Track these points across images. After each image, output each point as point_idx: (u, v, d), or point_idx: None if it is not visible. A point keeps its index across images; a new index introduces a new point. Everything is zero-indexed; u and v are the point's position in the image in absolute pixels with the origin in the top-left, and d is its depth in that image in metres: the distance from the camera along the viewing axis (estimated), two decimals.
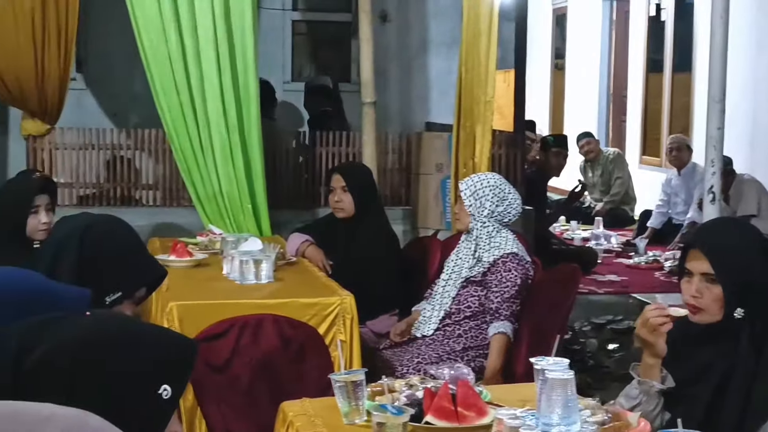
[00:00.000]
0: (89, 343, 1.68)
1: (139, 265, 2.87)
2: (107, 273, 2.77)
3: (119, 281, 2.78)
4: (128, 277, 2.81)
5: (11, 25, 6.67)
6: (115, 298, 2.75)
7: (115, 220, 2.98)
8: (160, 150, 7.70)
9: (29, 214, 4.32)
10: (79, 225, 2.86)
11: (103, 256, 2.79)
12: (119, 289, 2.77)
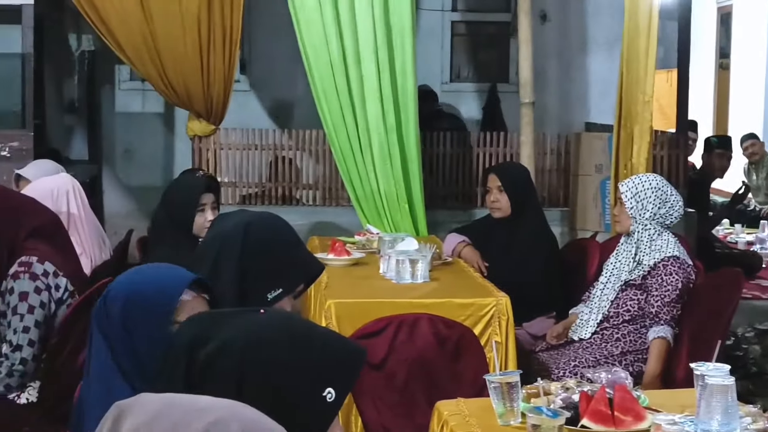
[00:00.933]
0: (260, 341, 1.71)
1: (299, 261, 2.90)
2: (269, 269, 2.81)
3: (281, 277, 2.82)
4: (289, 273, 2.84)
5: (179, 29, 6.87)
6: (276, 294, 2.79)
7: (274, 217, 3.02)
8: (321, 150, 7.81)
9: (196, 212, 4.46)
10: (241, 222, 2.91)
11: (265, 252, 2.83)
12: (281, 285, 2.80)
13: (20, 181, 5.50)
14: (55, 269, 4.05)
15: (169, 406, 1.33)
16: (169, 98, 7.30)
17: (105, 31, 6.87)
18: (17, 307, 3.95)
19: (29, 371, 3.98)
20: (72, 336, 3.96)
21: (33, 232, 4.11)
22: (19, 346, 3.94)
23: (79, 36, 8.65)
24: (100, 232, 5.33)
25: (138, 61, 6.98)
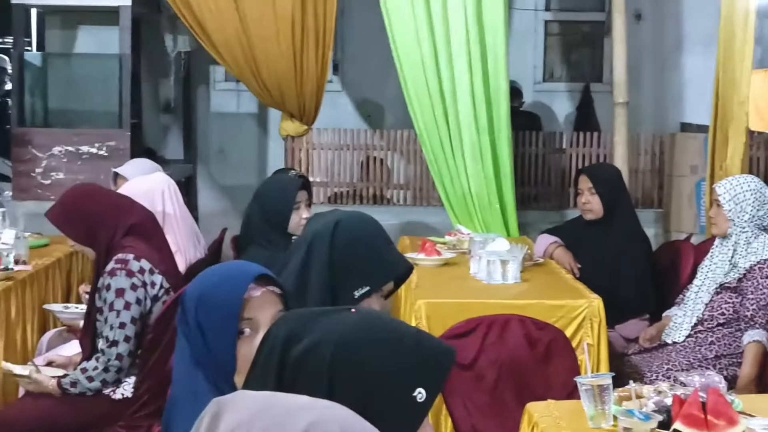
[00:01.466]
0: (352, 340, 1.72)
1: (387, 259, 2.90)
2: (356, 268, 2.82)
3: (367, 276, 2.83)
4: (376, 271, 2.85)
5: (273, 31, 6.94)
6: (363, 293, 2.80)
7: (364, 216, 3.03)
8: (412, 151, 7.83)
9: (293, 210, 4.51)
10: (331, 221, 2.94)
11: (352, 250, 2.84)
12: (368, 284, 2.81)
13: (118, 179, 5.61)
14: (151, 266, 4.12)
15: (269, 404, 1.33)
16: (262, 99, 7.37)
17: (200, 32, 6.97)
18: (114, 304, 4.03)
19: (124, 367, 4.05)
20: (166, 333, 4.03)
21: (130, 230, 4.19)
22: (115, 341, 4.01)
23: (176, 37, 8.78)
24: (194, 231, 5.41)
25: (233, 62, 7.07)
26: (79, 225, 4.19)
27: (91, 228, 4.16)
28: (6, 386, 4.65)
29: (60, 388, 4.05)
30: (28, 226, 6.28)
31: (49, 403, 4.08)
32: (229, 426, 1.31)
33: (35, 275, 5.25)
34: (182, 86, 9.33)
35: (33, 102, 7.69)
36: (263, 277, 2.36)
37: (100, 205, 4.20)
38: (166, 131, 9.52)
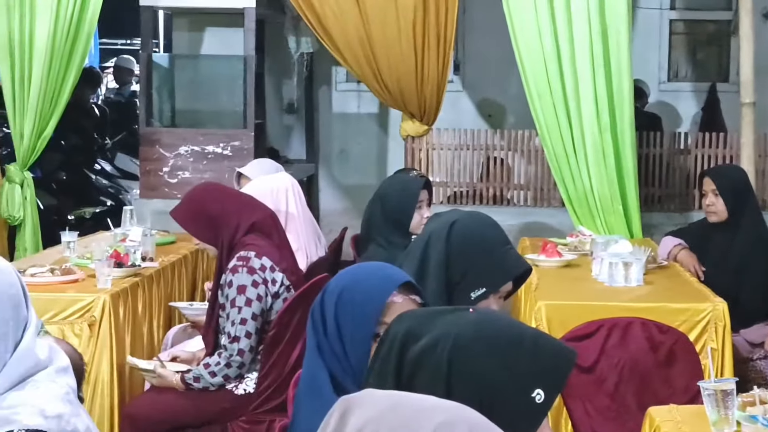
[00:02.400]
0: (470, 340, 1.72)
1: (503, 260, 2.87)
2: (472, 269, 2.81)
3: (484, 277, 2.81)
4: (492, 272, 2.83)
5: (394, 31, 6.97)
6: (480, 294, 2.79)
7: (480, 216, 3.02)
8: (533, 151, 7.78)
9: (415, 209, 4.54)
10: (447, 221, 2.94)
11: (467, 251, 2.83)
12: (484, 285, 2.80)
13: (241, 178, 5.70)
14: (272, 264, 4.18)
15: (397, 403, 1.33)
16: (383, 99, 7.41)
17: (323, 33, 7.04)
18: (235, 300, 4.10)
19: (246, 362, 4.12)
20: (288, 329, 4.08)
21: (251, 228, 4.26)
22: (236, 337, 4.08)
23: (299, 38, 8.88)
24: (316, 230, 5.47)
25: (354, 63, 7.12)
26: (203, 224, 4.27)
27: (215, 226, 4.24)
28: (132, 380, 4.77)
29: (184, 383, 4.14)
30: (155, 224, 6.42)
31: (172, 397, 4.17)
32: (358, 424, 1.31)
33: (161, 272, 5.36)
34: (305, 87, 9.43)
35: (160, 103, 7.87)
36: (406, 285, 2.39)
37: (223, 204, 4.28)
38: (288, 131, 9.64)
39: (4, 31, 6.58)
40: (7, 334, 1.80)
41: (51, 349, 1.91)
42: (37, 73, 6.59)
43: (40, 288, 4.58)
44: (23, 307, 1.85)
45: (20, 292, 1.86)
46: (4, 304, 1.81)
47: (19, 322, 1.83)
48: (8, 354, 1.81)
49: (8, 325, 1.81)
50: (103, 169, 9.71)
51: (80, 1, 6.62)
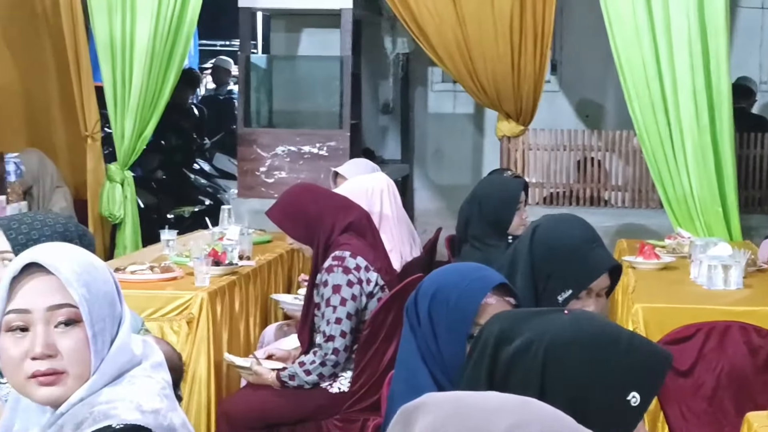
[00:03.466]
0: (564, 341, 1.70)
1: (586, 259, 2.81)
2: (556, 272, 2.78)
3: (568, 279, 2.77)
4: (576, 273, 2.79)
5: (491, 31, 6.95)
6: (567, 296, 2.75)
7: (564, 217, 2.98)
8: (630, 151, 7.69)
9: (515, 211, 4.53)
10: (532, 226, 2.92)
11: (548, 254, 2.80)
12: (569, 286, 2.76)
13: (337, 178, 5.74)
14: (367, 264, 4.20)
15: (461, 407, 1.30)
16: (479, 99, 7.39)
17: (419, 33, 7.04)
18: (330, 299, 4.12)
19: (341, 361, 4.14)
20: (382, 329, 4.10)
21: (347, 228, 4.28)
22: (331, 336, 4.11)
23: (395, 39, 8.89)
24: (410, 230, 5.48)
25: (450, 63, 7.12)
26: (299, 223, 4.31)
27: (310, 226, 4.28)
28: (229, 377, 4.83)
29: (279, 381, 4.18)
30: (252, 223, 6.49)
31: (268, 394, 4.22)
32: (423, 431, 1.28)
33: (258, 270, 5.42)
34: (400, 87, 9.45)
35: (258, 103, 7.95)
36: (501, 286, 2.39)
37: (318, 205, 4.32)
38: (384, 132, 9.67)
39: (106, 32, 6.71)
40: (104, 330, 1.84)
41: (145, 344, 1.94)
42: (137, 75, 6.71)
43: (140, 285, 4.66)
44: (117, 304, 1.89)
45: (114, 289, 1.89)
46: (101, 302, 1.84)
47: (114, 318, 1.87)
48: (105, 350, 1.84)
49: (105, 321, 1.84)
50: (201, 168, 9.85)
51: (180, 3, 6.72)
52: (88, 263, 1.88)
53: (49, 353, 1.81)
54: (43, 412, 1.86)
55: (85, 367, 1.82)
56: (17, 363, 1.83)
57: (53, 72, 7.34)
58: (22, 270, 1.84)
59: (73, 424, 1.79)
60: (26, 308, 1.82)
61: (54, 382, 1.81)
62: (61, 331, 1.82)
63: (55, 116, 7.42)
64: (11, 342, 1.83)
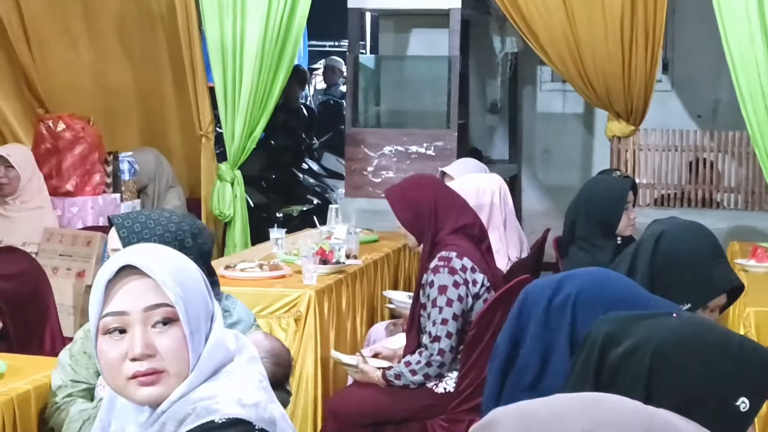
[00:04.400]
0: (672, 345, 1.68)
1: (709, 275, 2.76)
2: (675, 283, 2.73)
3: (687, 292, 2.72)
4: (697, 288, 2.74)
5: (601, 30, 6.87)
6: (685, 309, 2.70)
7: (692, 227, 2.92)
8: (743, 152, 7.53)
9: (623, 211, 4.47)
10: (656, 231, 2.87)
11: (671, 265, 2.75)
12: (688, 300, 2.72)
13: (444, 177, 5.74)
14: (473, 265, 4.19)
15: (531, 420, 1.26)
16: (589, 99, 7.32)
17: (528, 33, 7.00)
18: (436, 300, 4.13)
19: (446, 362, 4.14)
20: (488, 330, 4.08)
21: (458, 229, 4.27)
22: (437, 337, 4.11)
23: (503, 38, 8.85)
24: (519, 232, 5.46)
25: (559, 62, 7.06)
26: (410, 211, 4.32)
27: (421, 217, 4.29)
28: (336, 375, 4.87)
29: (385, 380, 4.19)
30: (359, 222, 6.53)
31: (374, 392, 4.24)
32: None
33: (365, 269, 5.45)
34: (509, 87, 9.40)
35: (366, 103, 7.99)
36: None
37: (436, 201, 4.31)
38: (491, 132, 9.64)
39: (217, 34, 6.81)
40: (200, 327, 1.86)
41: (238, 338, 1.96)
42: (247, 76, 6.80)
43: (249, 283, 4.73)
44: (209, 301, 1.91)
45: (204, 286, 1.92)
46: (195, 300, 1.87)
47: (207, 315, 1.90)
48: (201, 347, 1.86)
49: (200, 319, 1.87)
50: (310, 168, 9.94)
51: (290, 4, 6.79)
52: (179, 263, 1.90)
53: (149, 353, 1.83)
54: (140, 411, 1.89)
55: (183, 365, 1.85)
56: (117, 365, 1.85)
57: (169, 73, 7.48)
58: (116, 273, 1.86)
59: (176, 421, 1.81)
60: (123, 310, 1.85)
61: (154, 382, 1.84)
62: (159, 330, 1.85)
63: (170, 116, 7.56)
64: (109, 344, 1.86)
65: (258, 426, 1.79)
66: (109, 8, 7.45)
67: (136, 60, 7.53)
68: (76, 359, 3.11)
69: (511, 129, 9.53)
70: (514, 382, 2.41)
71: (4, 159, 5.72)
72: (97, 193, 6.42)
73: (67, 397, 3.08)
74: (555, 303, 2.36)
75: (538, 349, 2.41)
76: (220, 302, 3.14)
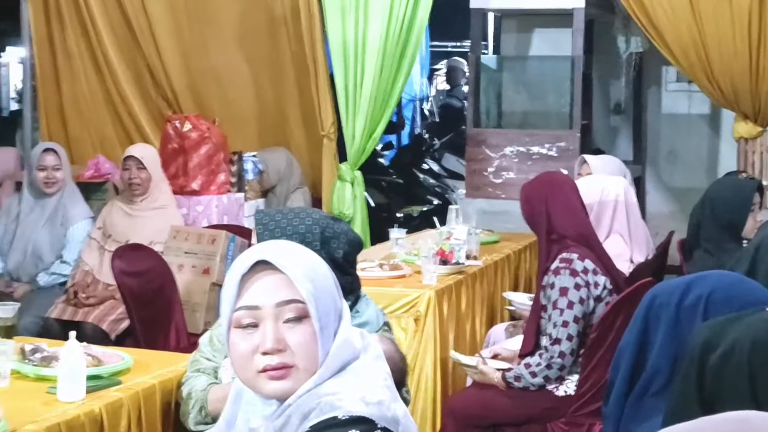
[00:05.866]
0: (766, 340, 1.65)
1: None
2: None
3: None
4: None
5: (729, 28, 6.73)
6: None
7: None
8: None
9: (749, 213, 4.39)
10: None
11: None
12: None
13: (583, 165, 5.70)
14: (595, 267, 4.14)
15: None
16: (715, 99, 7.18)
17: (654, 33, 6.90)
18: (557, 302, 4.09)
19: (567, 365, 4.10)
20: (610, 332, 4.03)
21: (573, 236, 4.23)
22: (558, 339, 4.08)
23: (628, 38, 8.73)
24: (645, 234, 5.38)
25: (685, 62, 6.94)
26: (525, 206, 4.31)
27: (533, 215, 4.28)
28: (455, 375, 4.87)
29: (504, 381, 4.18)
30: (479, 223, 6.51)
31: (494, 394, 4.22)
32: None
33: (485, 270, 5.44)
34: (633, 87, 9.27)
35: (487, 104, 7.97)
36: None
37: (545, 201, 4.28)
38: (615, 132, 9.51)
39: (339, 34, 6.87)
40: (329, 324, 1.89)
41: (363, 337, 1.98)
42: (369, 76, 6.83)
43: (370, 282, 4.75)
44: (338, 300, 1.94)
45: (334, 284, 1.94)
46: (325, 297, 1.89)
47: (336, 313, 1.92)
48: (330, 344, 1.89)
49: (329, 316, 1.89)
50: (430, 168, 9.96)
51: (412, 4, 6.80)
52: (311, 260, 1.93)
53: (279, 348, 1.86)
54: (267, 404, 1.92)
55: (312, 361, 1.87)
56: (247, 358, 1.88)
57: (292, 73, 7.56)
58: (250, 268, 1.90)
59: (301, 414, 1.84)
60: (256, 305, 1.88)
61: (284, 376, 1.86)
62: (290, 326, 1.87)
63: (292, 117, 7.64)
64: (241, 337, 1.89)
65: (380, 424, 1.80)
66: (233, 11, 7.56)
67: (260, 61, 7.63)
68: (213, 342, 3.20)
69: (635, 130, 9.39)
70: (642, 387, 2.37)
71: (137, 160, 5.84)
72: (221, 192, 6.54)
73: (195, 372, 3.19)
74: (686, 303, 2.33)
75: (668, 352, 2.37)
76: (357, 301, 3.19)
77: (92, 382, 3.04)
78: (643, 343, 2.49)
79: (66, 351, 2.96)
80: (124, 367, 3.28)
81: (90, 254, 5.81)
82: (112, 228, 5.83)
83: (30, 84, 7.97)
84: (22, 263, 5.83)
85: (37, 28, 7.69)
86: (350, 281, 3.17)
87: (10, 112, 13.33)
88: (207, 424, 3.05)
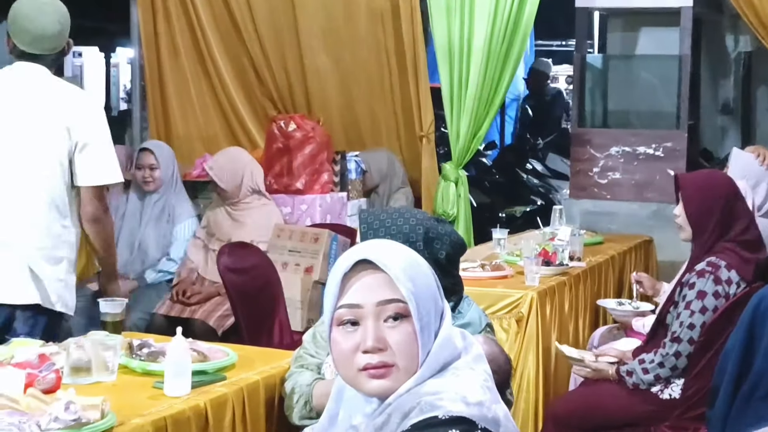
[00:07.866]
0: None
1: None
2: None
3: None
4: None
5: None
6: None
7: None
8: None
9: None
10: None
11: None
12: None
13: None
14: (740, 279, 4.06)
15: None
16: None
17: (763, 32, 6.75)
18: (691, 303, 4.03)
19: (680, 366, 4.04)
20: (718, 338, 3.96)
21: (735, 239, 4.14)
22: (679, 338, 4.02)
23: (737, 37, 8.58)
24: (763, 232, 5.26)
25: None
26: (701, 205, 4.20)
27: (708, 216, 4.16)
28: (557, 376, 4.83)
29: (617, 374, 4.14)
30: (583, 224, 6.45)
31: (597, 396, 4.18)
32: None
33: (588, 271, 5.39)
34: (742, 87, 9.10)
35: (592, 103, 7.89)
36: None
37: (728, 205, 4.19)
38: (723, 133, 9.35)
39: (444, 34, 6.86)
40: (429, 324, 1.89)
41: (464, 337, 1.98)
42: (474, 75, 6.81)
43: (471, 282, 4.73)
44: (439, 299, 1.94)
45: (435, 284, 1.94)
46: (426, 297, 1.90)
47: (437, 312, 1.92)
48: (430, 343, 1.89)
49: (430, 316, 1.89)
50: (534, 168, 9.89)
51: (517, 4, 6.76)
52: (412, 260, 1.93)
53: (380, 347, 1.87)
54: (368, 401, 1.93)
55: (412, 360, 1.88)
56: (349, 356, 1.90)
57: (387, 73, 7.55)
58: (352, 267, 1.91)
59: (401, 413, 1.84)
60: (357, 303, 1.90)
61: (384, 375, 1.88)
62: (391, 325, 1.88)
63: (388, 116, 7.63)
64: (343, 335, 1.91)
65: (481, 425, 1.80)
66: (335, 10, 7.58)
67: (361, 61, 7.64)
68: (316, 338, 3.24)
69: (743, 130, 9.21)
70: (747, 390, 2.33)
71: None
72: (325, 191, 6.58)
73: (299, 367, 3.23)
74: None
75: None
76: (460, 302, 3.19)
77: (197, 378, 3.08)
78: (749, 346, 2.43)
79: (172, 347, 3.01)
80: (229, 363, 3.32)
81: (196, 252, 5.90)
82: (216, 227, 5.92)
83: (139, 84, 8.10)
84: (129, 260, 5.94)
85: (145, 28, 7.81)
86: (453, 282, 3.18)
87: (120, 111, 13.61)
88: (311, 418, 3.07)
